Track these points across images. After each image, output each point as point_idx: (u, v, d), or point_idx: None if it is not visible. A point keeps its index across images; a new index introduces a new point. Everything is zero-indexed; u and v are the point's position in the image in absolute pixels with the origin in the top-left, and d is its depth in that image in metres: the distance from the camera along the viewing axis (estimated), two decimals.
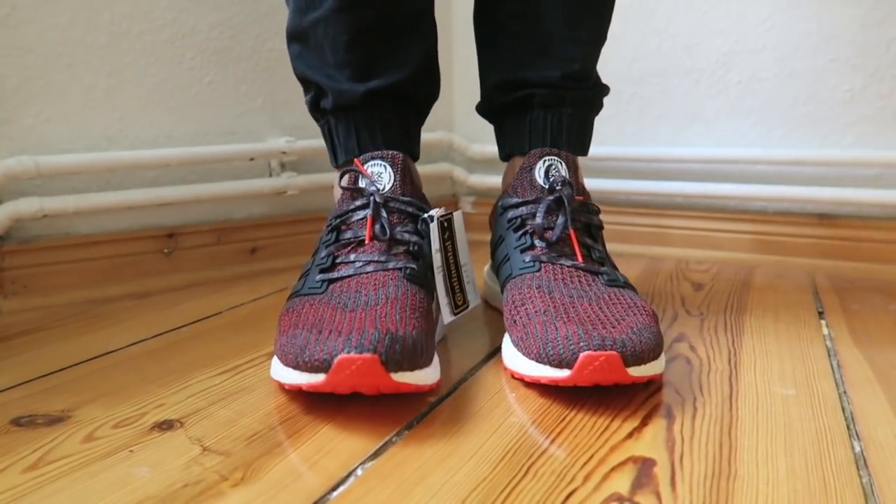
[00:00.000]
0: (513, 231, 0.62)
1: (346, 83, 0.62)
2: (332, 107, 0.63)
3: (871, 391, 0.52)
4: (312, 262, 0.58)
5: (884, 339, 0.64)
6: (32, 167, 0.74)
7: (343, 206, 0.59)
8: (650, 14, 1.01)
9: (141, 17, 0.83)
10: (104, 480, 0.39)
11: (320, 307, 0.51)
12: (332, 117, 0.64)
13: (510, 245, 0.61)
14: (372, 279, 0.53)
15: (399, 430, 0.45)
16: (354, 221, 0.57)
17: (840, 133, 0.93)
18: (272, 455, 0.42)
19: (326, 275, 0.55)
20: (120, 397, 0.50)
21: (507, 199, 0.64)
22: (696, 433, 0.45)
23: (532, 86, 0.66)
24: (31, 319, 0.71)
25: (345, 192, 0.60)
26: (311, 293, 0.54)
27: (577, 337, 0.47)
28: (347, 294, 0.52)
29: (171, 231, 0.86)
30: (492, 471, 0.40)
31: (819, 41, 0.92)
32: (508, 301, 0.56)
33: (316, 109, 0.66)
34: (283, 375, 0.48)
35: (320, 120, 0.66)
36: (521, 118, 0.68)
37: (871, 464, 0.41)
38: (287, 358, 0.47)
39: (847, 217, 0.93)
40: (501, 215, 0.64)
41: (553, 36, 0.66)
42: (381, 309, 0.49)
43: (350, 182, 0.60)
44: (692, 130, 1.02)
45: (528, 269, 0.58)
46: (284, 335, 0.48)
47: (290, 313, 0.52)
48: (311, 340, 0.45)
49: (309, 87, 0.65)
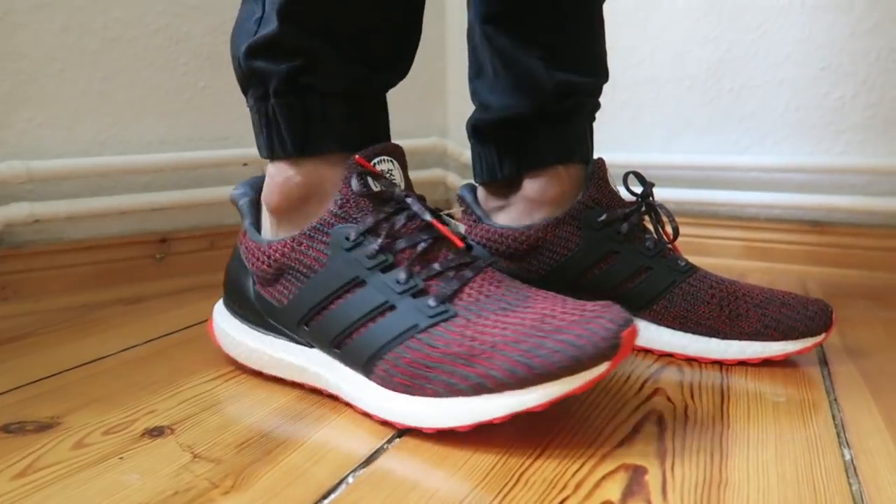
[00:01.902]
0: (645, 243, 0.62)
1: (354, 63, 0.51)
2: (324, 87, 0.50)
3: (861, 399, 0.52)
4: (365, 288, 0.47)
5: (874, 347, 0.64)
6: (24, 172, 0.74)
7: (367, 217, 0.48)
8: (643, 21, 1.02)
9: (134, 22, 0.83)
10: (94, 488, 0.39)
11: (486, 322, 0.44)
12: (316, 98, 0.50)
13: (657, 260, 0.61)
14: (484, 281, 0.48)
15: (390, 437, 0.45)
16: (398, 230, 0.48)
17: (831, 140, 0.94)
18: (263, 462, 0.42)
19: (433, 296, 0.46)
20: (110, 404, 0.50)
21: (614, 211, 0.63)
22: (687, 441, 0.45)
23: (581, 93, 0.65)
24: (22, 325, 0.71)
25: (361, 199, 0.49)
26: (440, 318, 0.45)
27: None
28: (482, 302, 0.46)
29: (164, 236, 0.86)
30: (483, 479, 0.40)
31: (810, 49, 0.93)
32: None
33: (290, 84, 0.50)
34: (551, 391, 0.41)
35: (286, 96, 0.50)
36: (571, 124, 0.66)
37: (860, 472, 0.41)
38: (551, 367, 0.40)
39: (838, 224, 0.94)
40: (600, 230, 0.62)
41: (593, 42, 0.66)
42: (539, 295, 0.47)
43: (362, 186, 0.48)
44: (684, 137, 1.02)
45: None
46: (498, 360, 0.41)
47: (452, 345, 0.43)
48: (567, 338, 0.41)
49: (292, 55, 0.49)
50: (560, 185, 0.64)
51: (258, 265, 0.51)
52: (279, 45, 0.49)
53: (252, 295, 0.53)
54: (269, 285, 0.52)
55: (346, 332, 0.47)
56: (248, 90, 0.53)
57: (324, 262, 0.48)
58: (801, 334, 0.57)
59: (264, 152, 0.54)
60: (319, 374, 0.50)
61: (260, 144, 0.54)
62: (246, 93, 0.54)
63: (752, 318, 0.58)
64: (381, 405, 0.46)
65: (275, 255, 0.50)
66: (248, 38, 0.51)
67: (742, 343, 0.58)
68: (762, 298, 0.59)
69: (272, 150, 0.52)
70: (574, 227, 0.62)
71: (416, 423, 0.44)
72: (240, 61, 0.52)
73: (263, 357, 0.53)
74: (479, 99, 0.68)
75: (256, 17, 0.51)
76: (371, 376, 0.46)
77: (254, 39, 0.50)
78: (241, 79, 0.53)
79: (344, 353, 0.48)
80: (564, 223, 0.62)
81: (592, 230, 0.62)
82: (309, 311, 0.49)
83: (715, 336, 0.59)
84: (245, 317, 0.55)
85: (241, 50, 0.51)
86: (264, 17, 0.50)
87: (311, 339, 0.50)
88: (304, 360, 0.51)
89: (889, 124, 0.90)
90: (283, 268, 0.50)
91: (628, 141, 1.06)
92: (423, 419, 0.44)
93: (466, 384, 0.42)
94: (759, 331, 0.57)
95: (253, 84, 0.52)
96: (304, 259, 0.49)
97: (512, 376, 0.41)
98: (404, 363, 0.44)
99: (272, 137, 0.52)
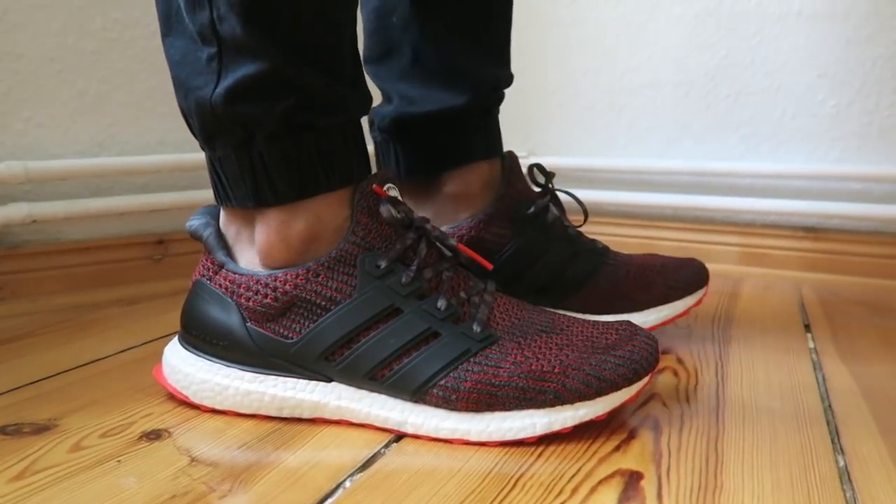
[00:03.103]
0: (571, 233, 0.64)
1: (343, 88, 0.48)
2: (322, 122, 0.47)
3: (855, 405, 0.52)
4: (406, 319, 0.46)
5: (869, 353, 0.64)
6: (22, 172, 0.74)
7: (394, 245, 0.47)
8: (641, 27, 1.02)
9: (133, 23, 0.83)
10: (91, 491, 0.39)
11: (538, 344, 0.47)
12: (311, 135, 0.46)
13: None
14: (505, 305, 0.50)
15: (387, 441, 0.45)
16: (424, 258, 0.48)
17: (827, 147, 0.94)
18: (260, 466, 0.42)
19: (475, 322, 0.47)
20: (108, 406, 0.50)
21: (539, 202, 0.63)
22: (682, 446, 0.45)
23: (503, 86, 0.66)
24: (19, 325, 0.71)
25: (383, 228, 0.47)
26: (488, 342, 0.46)
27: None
28: (517, 325, 0.48)
29: (161, 237, 0.86)
30: (480, 483, 0.40)
31: (807, 57, 0.93)
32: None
33: (284, 125, 0.45)
34: (614, 399, 0.46)
35: (280, 140, 0.46)
36: (494, 118, 0.66)
37: (854, 478, 0.42)
38: (617, 378, 0.45)
39: (833, 230, 0.94)
40: (531, 223, 0.62)
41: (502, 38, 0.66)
42: (558, 315, 0.51)
43: (390, 213, 0.47)
44: (681, 143, 1.02)
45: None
46: (562, 379, 0.45)
47: (509, 366, 0.45)
48: (623, 354, 0.46)
49: (286, 92, 0.44)
50: (482, 180, 0.63)
51: (258, 299, 0.47)
52: (270, 82, 0.44)
53: (243, 333, 0.48)
54: (270, 321, 0.47)
55: (386, 362, 0.46)
56: (217, 140, 0.47)
57: (348, 293, 0.46)
58: (694, 288, 0.65)
59: (248, 202, 0.47)
60: (342, 406, 0.47)
61: (236, 195, 0.48)
62: (213, 143, 0.47)
63: (658, 284, 0.64)
64: (438, 425, 0.46)
65: (284, 288, 0.46)
66: (209, 82, 0.45)
67: (655, 309, 0.64)
68: (659, 265, 0.65)
69: (260, 199, 0.47)
70: (505, 222, 0.62)
71: (482, 438, 0.45)
72: (210, 109, 0.45)
73: (263, 399, 0.48)
74: (389, 87, 0.63)
75: (207, 54, 0.44)
76: (422, 402, 0.46)
77: (232, 82, 0.44)
78: (210, 129, 0.46)
79: (383, 383, 0.46)
80: (496, 218, 0.61)
81: (524, 224, 0.62)
82: (333, 343, 0.46)
83: (634, 310, 0.63)
84: (230, 359, 0.49)
85: (212, 96, 0.44)
86: (223, 52, 0.44)
87: (336, 373, 0.47)
88: (320, 395, 0.48)
89: (884, 132, 0.91)
90: (293, 301, 0.47)
91: (625, 146, 1.06)
92: (493, 433, 0.45)
93: (542, 398, 0.45)
94: (665, 294, 0.63)
95: (228, 132, 0.46)
96: (323, 291, 0.46)
97: (587, 388, 0.45)
98: (467, 386, 0.45)
99: (260, 186, 0.46)
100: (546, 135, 1.11)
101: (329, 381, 0.48)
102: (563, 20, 1.07)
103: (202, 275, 0.50)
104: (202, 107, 0.45)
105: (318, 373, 0.48)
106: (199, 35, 0.44)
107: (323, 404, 0.48)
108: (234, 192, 0.48)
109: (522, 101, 1.10)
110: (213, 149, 0.48)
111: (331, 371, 0.47)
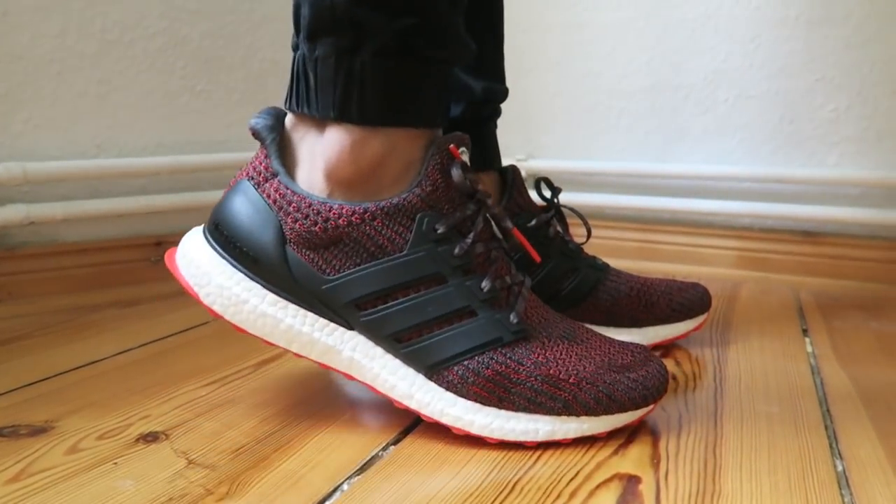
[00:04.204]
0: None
1: (457, 29, 0.47)
2: (431, 53, 0.45)
3: (853, 409, 0.52)
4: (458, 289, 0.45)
5: (866, 357, 0.64)
6: (20, 174, 0.74)
7: (455, 211, 0.46)
8: (640, 31, 1.03)
9: (132, 25, 0.83)
10: (88, 493, 0.39)
11: (559, 349, 0.47)
12: (416, 64, 0.45)
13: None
14: (535, 303, 0.49)
15: (385, 444, 0.45)
16: (479, 232, 0.46)
17: (825, 152, 0.94)
18: (258, 469, 0.42)
19: (513, 312, 0.46)
20: (105, 408, 0.50)
21: (540, 216, 0.63)
22: (681, 450, 0.45)
23: (498, 100, 0.66)
24: (16, 327, 0.70)
25: (450, 190, 0.46)
26: (520, 335, 0.46)
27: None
28: (544, 325, 0.48)
29: (159, 239, 0.86)
30: (478, 486, 0.40)
31: (805, 61, 0.94)
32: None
33: (399, 43, 0.44)
34: (618, 420, 0.47)
35: (390, 57, 0.44)
36: (489, 131, 0.67)
37: (853, 483, 0.42)
38: (627, 401, 0.46)
39: (831, 235, 0.94)
40: (531, 237, 0.62)
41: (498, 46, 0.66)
42: (578, 326, 0.51)
43: (459, 176, 0.45)
44: (680, 147, 1.03)
45: None
46: (588, 388, 0.45)
47: (533, 368, 0.45)
48: (637, 377, 0.47)
49: (410, 10, 0.43)
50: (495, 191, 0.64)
51: (306, 224, 0.44)
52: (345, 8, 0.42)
53: (279, 253, 0.45)
54: (312, 249, 0.45)
55: (415, 328, 0.44)
56: (321, 38, 0.44)
57: (400, 247, 0.44)
58: (696, 313, 0.65)
59: (331, 111, 0.45)
60: (355, 359, 0.46)
61: (321, 102, 0.45)
62: (315, 41, 0.45)
63: (661, 305, 0.64)
64: (444, 409, 0.45)
65: (337, 221, 0.44)
66: None
67: (655, 328, 0.64)
68: (663, 287, 0.66)
69: (344, 112, 0.45)
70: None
71: (483, 433, 0.45)
72: (330, 3, 0.43)
73: (278, 326, 0.46)
74: None
75: None
76: (436, 378, 0.45)
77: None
78: (321, 24, 0.44)
79: (406, 348, 0.45)
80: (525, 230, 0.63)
81: (524, 237, 0.62)
82: (370, 293, 0.44)
83: (634, 326, 0.64)
84: (256, 272, 0.46)
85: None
86: None
87: (362, 324, 0.45)
88: (336, 340, 0.46)
89: (882, 136, 0.91)
90: (342, 236, 0.44)
91: (624, 150, 1.06)
92: (494, 430, 0.45)
93: (552, 404, 0.45)
94: (668, 315, 0.64)
95: (341, 32, 0.43)
96: (375, 237, 0.44)
97: (597, 405, 0.45)
98: (487, 374, 0.44)
99: (349, 98, 0.44)
100: (545, 137, 1.11)
101: (350, 328, 0.46)
102: (563, 24, 1.07)
103: (250, 176, 0.47)
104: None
105: (343, 318, 0.46)
106: None
107: (336, 350, 0.46)
108: (321, 97, 0.45)
109: (522, 104, 1.10)
110: (313, 47, 0.45)
111: (356, 320, 0.45)
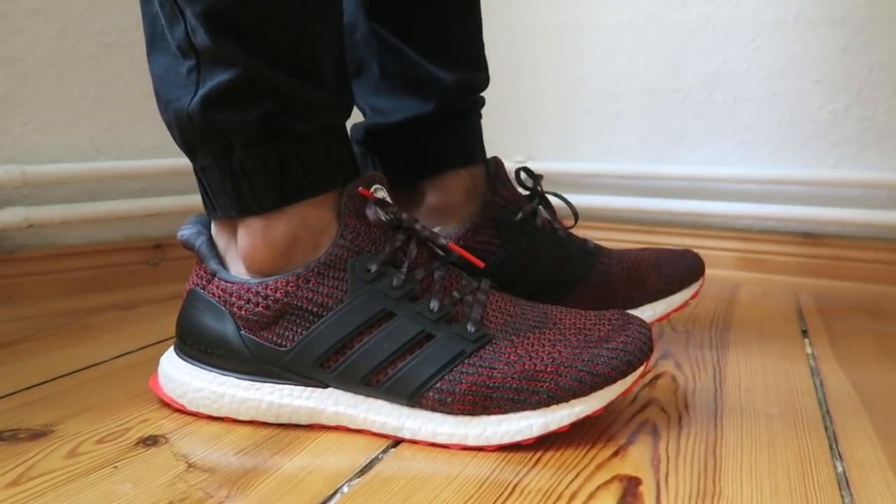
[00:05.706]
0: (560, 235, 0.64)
1: (323, 92, 0.47)
2: (300, 127, 0.46)
3: (853, 410, 0.52)
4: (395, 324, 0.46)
5: (866, 359, 0.64)
6: (19, 176, 0.74)
7: (384, 247, 0.47)
8: (638, 33, 1.03)
9: (131, 27, 0.83)
10: (88, 497, 0.39)
11: (530, 341, 0.47)
12: (290, 141, 0.46)
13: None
14: (498, 302, 0.49)
15: (385, 447, 0.45)
16: (415, 259, 0.47)
17: (824, 153, 0.94)
18: (258, 472, 0.42)
19: (469, 322, 0.46)
20: (104, 411, 0.50)
21: (528, 207, 0.63)
22: (681, 452, 0.45)
23: (476, 90, 0.65)
24: (15, 330, 0.70)
25: (373, 230, 0.47)
26: (482, 342, 0.46)
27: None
28: (510, 323, 0.48)
29: (158, 242, 0.85)
30: (478, 489, 0.40)
31: (804, 63, 0.94)
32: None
33: (261, 131, 0.45)
34: (609, 393, 0.45)
35: (258, 146, 0.45)
36: (469, 123, 0.64)
37: (853, 484, 0.42)
38: (611, 372, 0.45)
39: (831, 236, 0.94)
40: (520, 228, 0.62)
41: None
42: (552, 309, 0.50)
43: (376, 216, 0.47)
44: (679, 148, 1.03)
45: None
46: (566, 372, 0.45)
47: (505, 362, 0.45)
48: (616, 346, 0.46)
49: (261, 98, 0.44)
50: (464, 187, 0.62)
51: (250, 308, 0.47)
52: (244, 89, 0.44)
53: (236, 341, 0.48)
54: (263, 329, 0.47)
55: (380, 368, 0.45)
56: (197, 150, 0.47)
57: (339, 299, 0.46)
58: (689, 281, 0.65)
59: (231, 211, 0.47)
60: (339, 412, 0.47)
61: (220, 205, 0.48)
62: (194, 154, 0.47)
63: (653, 279, 0.64)
64: (436, 430, 0.45)
65: (275, 296, 0.46)
66: (187, 93, 0.45)
67: (651, 305, 0.64)
68: (653, 260, 0.65)
69: (243, 207, 0.47)
70: (492, 230, 0.61)
71: (479, 443, 0.45)
72: (188, 119, 0.45)
73: (260, 406, 0.48)
74: (363, 102, 0.64)
75: (187, 66, 0.45)
76: (418, 406, 0.46)
77: (208, 90, 0.44)
78: (190, 139, 0.47)
79: (379, 388, 0.46)
80: (483, 227, 0.61)
81: (512, 231, 0.62)
82: (327, 350, 0.46)
83: (630, 305, 0.63)
84: (226, 367, 0.48)
85: (189, 105, 0.45)
86: (200, 64, 0.44)
87: (332, 380, 0.47)
88: (317, 402, 0.47)
89: (882, 137, 0.91)
90: (285, 308, 0.46)
91: (623, 151, 1.06)
92: (490, 437, 0.45)
93: (536, 398, 0.44)
94: (661, 289, 0.64)
95: (208, 141, 0.46)
96: (314, 297, 0.46)
97: (581, 385, 0.45)
98: (462, 389, 0.45)
99: (242, 194, 0.46)
100: (543, 140, 1.11)
101: (325, 387, 0.47)
102: (562, 26, 1.07)
103: (196, 284, 0.50)
104: (180, 117, 0.46)
105: (314, 379, 0.47)
106: (179, 49, 0.45)
107: (320, 410, 0.47)
108: (219, 201, 0.48)
109: (520, 106, 1.10)
110: (195, 159, 0.48)
111: (326, 377, 0.47)
